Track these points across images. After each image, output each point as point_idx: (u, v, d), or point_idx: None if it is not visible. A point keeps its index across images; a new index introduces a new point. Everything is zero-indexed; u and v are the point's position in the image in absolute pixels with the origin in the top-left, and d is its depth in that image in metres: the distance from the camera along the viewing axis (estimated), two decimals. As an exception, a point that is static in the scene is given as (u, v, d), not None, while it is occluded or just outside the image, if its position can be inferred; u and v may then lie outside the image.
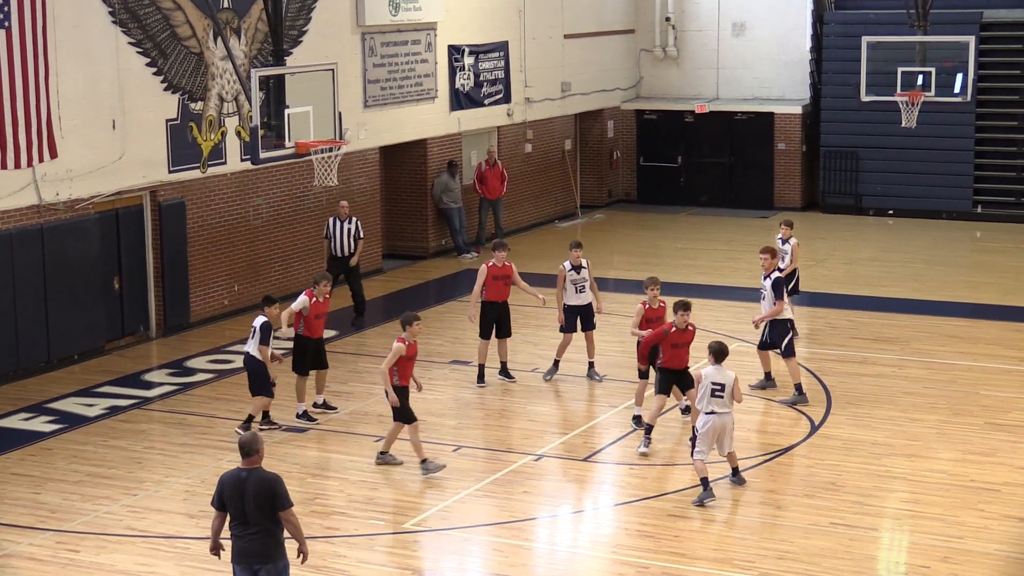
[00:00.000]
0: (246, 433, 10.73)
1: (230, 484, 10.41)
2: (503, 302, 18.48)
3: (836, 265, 26.17)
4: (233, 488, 10.36)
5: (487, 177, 27.63)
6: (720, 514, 13.91)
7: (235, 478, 10.41)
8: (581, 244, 18.54)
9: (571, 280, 18.32)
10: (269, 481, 10.36)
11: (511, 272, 18.48)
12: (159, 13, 20.60)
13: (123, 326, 20.57)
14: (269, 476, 10.41)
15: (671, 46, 32.94)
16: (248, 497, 10.28)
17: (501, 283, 18.44)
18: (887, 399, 17.72)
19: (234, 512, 10.38)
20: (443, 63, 26.76)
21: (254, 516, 10.28)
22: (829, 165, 31.47)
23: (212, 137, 21.66)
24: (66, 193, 19.32)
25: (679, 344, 15.57)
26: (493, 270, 18.34)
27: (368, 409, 17.30)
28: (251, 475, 10.35)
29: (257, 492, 10.27)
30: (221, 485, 10.48)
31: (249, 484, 10.31)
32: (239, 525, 10.37)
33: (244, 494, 10.29)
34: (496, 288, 18.39)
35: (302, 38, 23.18)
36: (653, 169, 33.22)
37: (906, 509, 14.13)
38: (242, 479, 10.35)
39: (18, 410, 17.51)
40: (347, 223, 21.53)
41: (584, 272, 18.39)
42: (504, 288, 18.47)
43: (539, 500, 14.54)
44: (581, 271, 18.36)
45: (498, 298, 18.42)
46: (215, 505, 10.55)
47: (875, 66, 26.81)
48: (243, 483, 10.33)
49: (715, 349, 14.23)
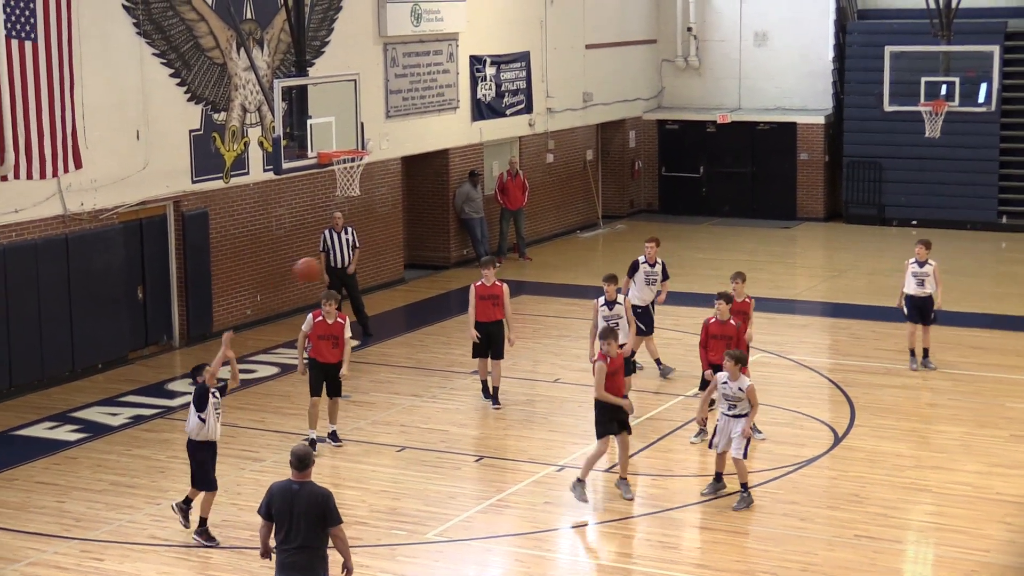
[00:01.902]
0: (302, 444, 10.53)
1: (280, 495, 10.29)
2: (494, 322, 17.67)
3: (859, 276, 26.08)
4: (283, 500, 10.24)
5: (508, 188, 27.64)
6: (743, 525, 13.86)
7: (286, 489, 10.29)
8: (615, 278, 17.11)
9: (603, 316, 16.86)
10: (322, 496, 10.26)
11: (500, 292, 17.66)
12: (183, 24, 20.68)
13: (147, 335, 20.64)
14: (321, 491, 10.31)
15: (693, 56, 32.93)
16: (298, 510, 10.17)
17: (488, 303, 17.65)
18: (911, 410, 17.66)
19: (280, 523, 10.25)
20: (465, 73, 26.80)
21: (302, 530, 10.16)
22: (852, 175, 31.39)
23: (235, 147, 21.73)
24: (91, 203, 19.40)
25: (718, 336, 15.78)
26: (480, 289, 17.67)
27: (390, 419, 17.30)
28: (303, 488, 10.25)
29: (308, 506, 10.18)
30: (270, 495, 10.37)
31: (300, 497, 10.20)
32: (284, 538, 10.24)
33: (294, 507, 10.18)
34: (484, 308, 17.65)
35: (324, 48, 23.24)
36: (675, 179, 33.20)
37: (931, 522, 14.07)
38: (293, 491, 10.24)
39: (43, 419, 17.58)
40: (343, 234, 21.50)
41: (618, 308, 16.90)
42: (492, 308, 17.65)
43: (561, 511, 14.51)
44: (614, 307, 16.91)
45: (485, 318, 17.64)
46: (262, 513, 10.44)
47: (898, 76, 26.71)
48: (294, 496, 10.22)
49: (735, 356, 14.29)
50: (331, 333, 16.12)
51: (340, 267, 21.42)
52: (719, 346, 15.79)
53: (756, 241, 29.66)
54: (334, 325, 16.12)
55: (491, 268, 17.80)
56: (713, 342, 15.99)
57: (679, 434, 16.58)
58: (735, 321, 16.20)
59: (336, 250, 21.40)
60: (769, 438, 16.36)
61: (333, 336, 16.13)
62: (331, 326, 16.11)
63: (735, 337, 15.89)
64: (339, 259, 21.39)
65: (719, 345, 15.82)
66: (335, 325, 16.12)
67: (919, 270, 19.11)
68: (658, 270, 18.96)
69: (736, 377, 14.21)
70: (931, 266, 19.11)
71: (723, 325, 16.00)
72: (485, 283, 17.68)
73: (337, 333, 16.13)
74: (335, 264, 21.41)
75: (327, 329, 16.11)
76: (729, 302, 16.08)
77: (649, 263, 18.93)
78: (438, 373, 19.45)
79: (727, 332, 15.93)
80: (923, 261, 19.12)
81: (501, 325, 17.74)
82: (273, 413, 17.72)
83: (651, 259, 18.90)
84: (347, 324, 16.24)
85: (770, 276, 26.18)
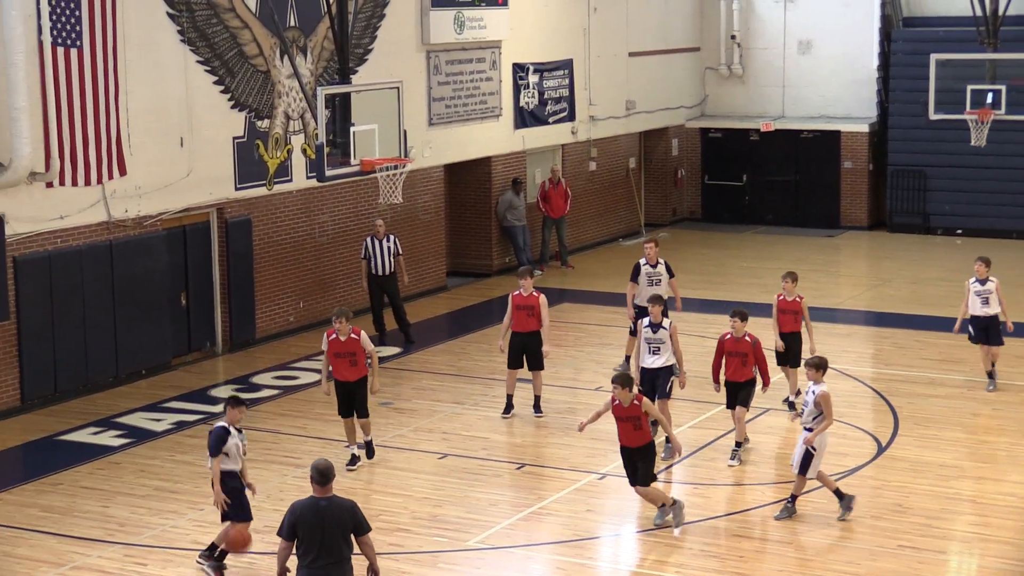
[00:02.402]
0: (323, 459, 10.39)
1: (308, 513, 10.14)
2: (529, 332, 17.42)
3: (903, 285, 25.92)
4: (313, 517, 10.11)
5: (550, 196, 27.63)
6: (785, 535, 13.78)
7: (312, 507, 10.16)
8: (661, 299, 16.32)
9: (646, 339, 16.15)
10: (349, 508, 10.23)
11: (536, 303, 17.42)
12: (227, 32, 20.80)
13: (190, 342, 20.74)
14: (348, 503, 10.29)
15: (736, 64, 32.83)
16: (329, 526, 10.08)
17: (524, 313, 17.44)
18: (955, 420, 17.51)
19: (311, 542, 10.09)
20: (508, 81, 26.83)
21: (333, 544, 10.09)
22: (896, 184, 31.19)
23: (278, 155, 21.82)
24: (135, 210, 19.53)
25: (733, 353, 15.68)
26: (517, 299, 17.49)
27: (432, 426, 17.31)
28: (330, 503, 10.18)
29: (338, 520, 10.12)
30: (294, 515, 10.19)
31: (329, 512, 10.12)
32: (315, 555, 10.09)
33: (325, 523, 10.08)
34: (520, 318, 17.45)
35: (368, 56, 23.31)
36: (718, 188, 33.10)
37: (975, 532, 13.94)
38: (321, 508, 10.14)
39: (87, 424, 17.70)
40: (385, 241, 21.53)
41: (662, 333, 16.03)
42: (528, 319, 17.42)
43: (603, 519, 14.48)
44: (659, 331, 16.07)
45: (521, 328, 17.44)
46: (285, 535, 10.24)
47: (944, 84, 26.56)
48: (322, 512, 10.12)
49: (813, 362, 14.12)
50: (347, 350, 15.56)
51: (381, 275, 21.45)
52: (734, 363, 15.73)
53: (799, 250, 29.51)
54: (348, 342, 15.53)
55: (528, 278, 17.55)
56: (728, 359, 15.81)
57: (721, 443, 16.50)
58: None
59: (377, 258, 21.44)
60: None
61: (350, 353, 15.56)
62: (345, 343, 15.54)
63: (750, 354, 15.66)
64: (380, 267, 21.43)
65: (734, 362, 15.74)
66: (349, 342, 15.53)
67: (981, 288, 18.56)
68: (660, 270, 18.94)
69: (818, 381, 13.99)
70: (992, 283, 18.58)
71: (738, 342, 15.74)
72: (522, 293, 17.53)
73: (353, 350, 15.56)
74: (376, 272, 21.46)
75: (342, 347, 15.57)
76: (744, 320, 15.77)
77: (650, 264, 18.90)
78: (480, 381, 19.45)
79: (742, 349, 15.71)
80: (984, 279, 18.55)
81: (537, 336, 17.48)
82: (315, 420, 17.76)
83: (652, 260, 18.86)
84: (363, 338, 15.60)
85: (813, 285, 26.02)
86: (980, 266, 18.61)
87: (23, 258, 18.02)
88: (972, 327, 18.76)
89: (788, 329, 17.67)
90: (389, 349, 21.23)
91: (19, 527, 14.16)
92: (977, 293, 18.60)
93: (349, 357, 15.57)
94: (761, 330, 17.04)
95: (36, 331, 18.18)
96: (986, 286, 18.57)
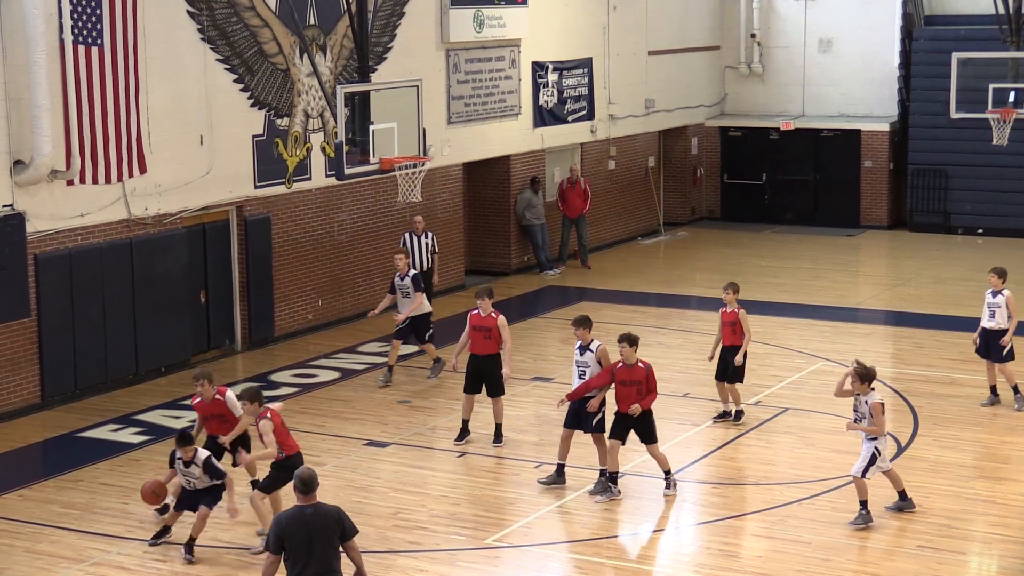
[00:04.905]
0: (306, 468, 10.34)
1: (294, 524, 10.03)
2: (486, 356, 16.35)
3: (924, 284, 25.83)
4: (299, 528, 10.01)
5: (568, 195, 27.62)
6: (804, 535, 13.75)
7: (298, 517, 10.06)
8: (585, 321, 14.99)
9: (575, 361, 15.02)
10: (335, 514, 10.14)
11: (493, 324, 16.33)
12: (247, 30, 20.84)
13: (209, 339, 20.80)
14: (333, 509, 10.20)
15: (756, 63, 32.76)
16: (316, 534, 10.00)
17: (481, 335, 16.34)
18: (975, 421, 17.45)
19: (299, 553, 9.99)
20: (527, 79, 26.82)
21: (323, 554, 10.00)
22: (917, 183, 31.09)
23: (298, 153, 21.86)
24: (155, 208, 19.59)
25: (626, 382, 14.56)
26: (474, 319, 16.47)
27: (450, 424, 17.31)
28: (316, 511, 10.09)
29: (324, 527, 10.04)
30: (281, 526, 10.08)
31: (315, 520, 10.04)
32: (305, 565, 9.99)
33: (310, 532, 9.99)
34: (476, 340, 16.38)
35: (387, 55, 23.34)
36: (737, 186, 33.04)
37: (995, 533, 13.89)
38: (307, 516, 10.05)
39: (107, 421, 17.76)
40: (423, 237, 21.56)
41: (589, 356, 14.84)
42: (485, 341, 16.31)
43: (620, 518, 14.47)
44: (585, 353, 14.90)
45: (478, 351, 16.38)
46: (272, 549, 10.13)
47: (965, 82, 26.42)
48: (309, 520, 10.03)
49: (859, 372, 13.85)
50: (215, 412, 14.17)
51: (419, 271, 21.44)
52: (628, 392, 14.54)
53: (819, 249, 29.45)
54: (214, 404, 14.12)
55: (485, 299, 16.47)
56: (620, 389, 14.59)
57: (740, 442, 16.47)
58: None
59: (415, 253, 21.43)
60: (832, 447, 16.21)
61: (218, 415, 14.20)
62: (211, 406, 14.15)
63: (643, 382, 14.49)
64: (418, 263, 21.41)
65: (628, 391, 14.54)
66: (215, 404, 14.10)
67: (991, 300, 17.70)
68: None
69: (865, 392, 13.80)
70: (1003, 296, 17.62)
71: (630, 369, 14.52)
72: (480, 313, 16.47)
73: (222, 411, 14.17)
74: (414, 268, 21.44)
75: (207, 409, 14.17)
76: (634, 345, 14.52)
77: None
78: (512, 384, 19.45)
79: (636, 377, 14.48)
80: (996, 291, 17.65)
81: (494, 359, 16.40)
82: (334, 418, 17.80)
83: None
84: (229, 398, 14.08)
85: (833, 284, 25.99)
86: (993, 277, 17.76)
87: (44, 256, 18.09)
88: (979, 338, 18.09)
89: (729, 343, 16.91)
90: (407, 348, 21.25)
91: (40, 523, 14.21)
92: (988, 305, 17.84)
93: (218, 418, 14.21)
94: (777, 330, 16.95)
95: (56, 328, 18.25)
96: (996, 299, 17.68)
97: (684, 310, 23.95)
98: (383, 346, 21.42)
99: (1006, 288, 17.73)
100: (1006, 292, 17.69)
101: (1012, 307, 17.64)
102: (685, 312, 23.77)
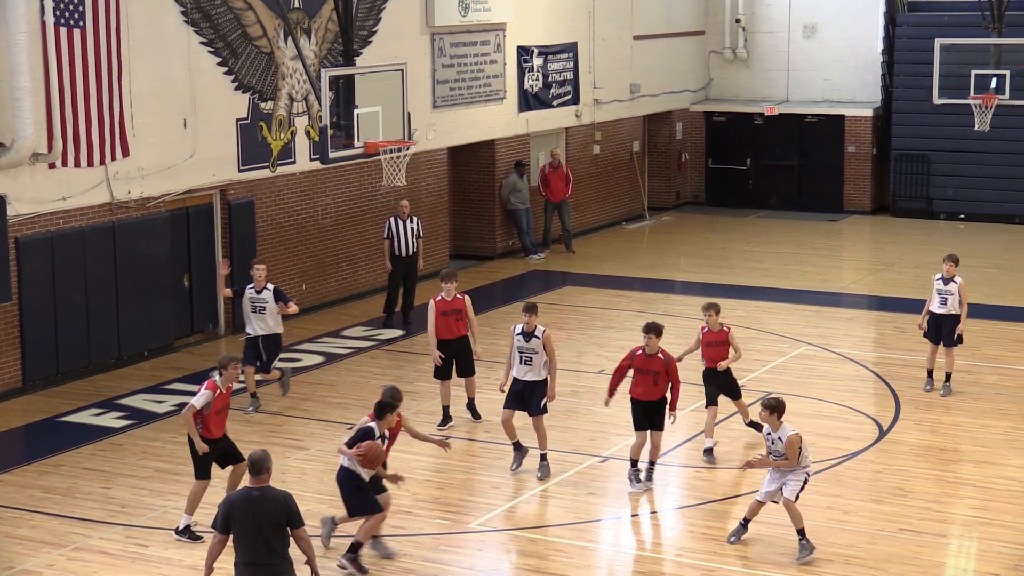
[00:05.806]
0: (258, 450, 10.25)
1: (241, 504, 10.00)
2: (457, 339, 16.52)
3: (906, 269, 25.90)
4: (245, 508, 9.97)
5: (550, 180, 27.60)
6: (786, 518, 13.77)
7: (246, 498, 10.02)
8: (533, 308, 15.06)
9: (517, 348, 14.98)
10: (283, 499, 10.07)
11: (463, 306, 16.53)
12: (230, 13, 20.76)
13: (192, 323, 20.76)
14: (282, 494, 10.12)
15: (741, 48, 32.77)
16: (262, 517, 9.95)
17: (451, 319, 16.47)
18: (956, 405, 17.52)
19: (244, 533, 9.96)
20: (512, 64, 26.79)
21: (270, 538, 9.96)
22: (900, 168, 31.16)
23: (282, 136, 21.81)
24: (137, 191, 19.53)
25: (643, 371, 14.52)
26: (440, 305, 16.44)
27: (434, 409, 17.30)
28: (264, 494, 10.04)
29: (271, 511, 9.98)
30: (229, 506, 10.05)
31: (263, 503, 9.99)
32: (250, 548, 9.96)
33: (256, 514, 9.95)
34: (446, 325, 16.45)
35: (372, 38, 23.28)
36: (721, 171, 33.06)
37: (975, 516, 13.96)
38: (254, 499, 10.00)
39: (89, 405, 17.72)
40: (408, 222, 21.53)
41: (535, 342, 14.91)
42: (456, 324, 16.49)
43: (604, 502, 14.50)
44: (531, 340, 14.95)
45: (449, 335, 16.48)
46: (219, 528, 10.09)
47: (948, 68, 26.48)
48: (255, 503, 9.99)
49: (770, 405, 12.88)
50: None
51: (404, 255, 21.44)
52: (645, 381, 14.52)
53: (802, 234, 29.51)
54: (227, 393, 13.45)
55: (452, 281, 16.55)
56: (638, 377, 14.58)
57: (724, 426, 16.49)
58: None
59: (400, 238, 21.41)
60: (815, 431, 16.25)
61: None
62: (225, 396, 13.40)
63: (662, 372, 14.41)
64: (403, 247, 21.40)
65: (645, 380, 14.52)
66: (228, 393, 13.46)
67: (943, 287, 17.77)
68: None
69: (776, 427, 12.88)
70: (956, 284, 17.76)
71: (650, 359, 14.49)
72: (445, 297, 16.48)
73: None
74: (399, 252, 21.45)
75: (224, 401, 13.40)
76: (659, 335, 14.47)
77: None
78: (482, 364, 19.41)
79: (654, 367, 14.45)
80: (949, 278, 17.77)
81: (466, 341, 16.62)
82: (318, 402, 17.79)
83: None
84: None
85: (816, 269, 26.05)
86: (949, 266, 17.79)
87: (25, 239, 18.03)
88: (928, 324, 18.04)
89: (713, 364, 15.93)
90: (392, 332, 21.27)
91: (20, 508, 14.19)
92: (939, 291, 17.83)
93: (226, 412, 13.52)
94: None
95: (38, 312, 18.21)
96: (948, 286, 17.77)
97: (668, 295, 23.97)
98: (367, 330, 21.44)
99: (958, 276, 17.84)
100: (959, 280, 17.81)
101: (963, 294, 17.81)
102: (669, 296, 23.79)
